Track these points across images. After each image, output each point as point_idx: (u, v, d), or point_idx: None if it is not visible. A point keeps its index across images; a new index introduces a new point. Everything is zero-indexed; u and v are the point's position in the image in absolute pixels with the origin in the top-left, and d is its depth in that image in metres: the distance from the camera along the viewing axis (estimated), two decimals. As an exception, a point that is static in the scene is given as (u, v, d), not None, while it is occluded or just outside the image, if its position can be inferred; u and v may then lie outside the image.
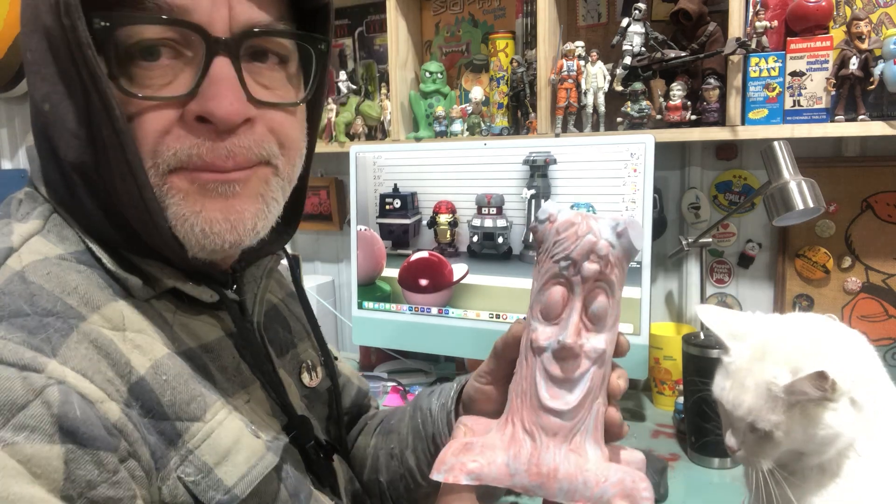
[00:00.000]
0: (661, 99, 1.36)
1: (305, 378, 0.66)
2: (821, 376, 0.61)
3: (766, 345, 0.67)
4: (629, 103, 1.38)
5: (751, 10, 1.28)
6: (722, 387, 0.70)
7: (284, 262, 0.66)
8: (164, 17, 0.44)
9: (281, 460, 0.52)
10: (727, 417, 0.70)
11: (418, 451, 0.68)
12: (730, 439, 0.69)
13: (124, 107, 0.45)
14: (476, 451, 0.51)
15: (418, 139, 1.62)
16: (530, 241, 1.38)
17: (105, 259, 0.48)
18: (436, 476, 0.50)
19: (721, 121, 1.31)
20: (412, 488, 0.69)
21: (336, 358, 0.74)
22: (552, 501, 0.50)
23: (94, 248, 0.49)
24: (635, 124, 1.37)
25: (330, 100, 1.75)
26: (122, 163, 0.45)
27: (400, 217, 1.52)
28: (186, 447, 0.46)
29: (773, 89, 1.26)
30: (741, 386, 0.67)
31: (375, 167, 1.53)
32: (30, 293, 0.43)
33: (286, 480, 0.53)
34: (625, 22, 1.36)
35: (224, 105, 0.45)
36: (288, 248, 2.19)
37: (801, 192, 1.16)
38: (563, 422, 0.50)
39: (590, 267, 0.49)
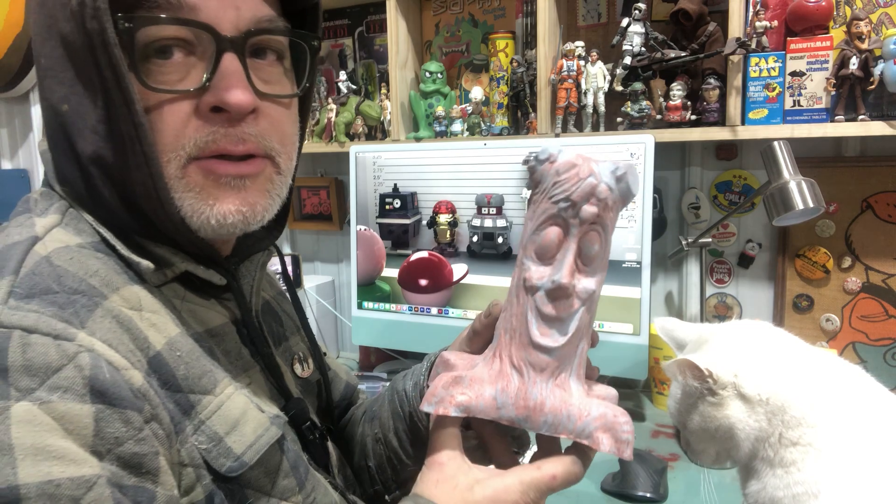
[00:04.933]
0: (661, 99, 1.36)
1: (298, 369, 0.69)
2: (692, 367, 0.66)
3: (688, 354, 0.72)
4: (629, 103, 1.38)
5: (751, 10, 1.28)
6: (670, 394, 0.75)
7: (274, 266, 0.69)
8: (179, 17, 0.49)
9: (283, 434, 0.56)
10: None
11: (399, 431, 0.71)
12: (681, 442, 0.75)
13: (142, 102, 0.49)
14: (465, 385, 0.53)
15: (418, 139, 1.62)
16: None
17: (119, 246, 0.52)
18: (426, 408, 0.53)
19: (721, 121, 1.31)
20: (398, 468, 0.72)
21: (325, 353, 0.78)
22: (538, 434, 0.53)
23: (109, 236, 0.52)
24: (635, 124, 1.38)
25: (330, 100, 1.75)
26: (139, 154, 0.49)
27: (400, 217, 1.52)
28: (199, 418, 0.50)
29: (773, 89, 1.26)
30: (672, 393, 0.73)
31: (375, 167, 1.53)
32: (57, 274, 0.47)
33: (287, 453, 0.56)
34: (625, 22, 1.36)
35: (237, 95, 0.50)
36: (288, 247, 2.19)
37: (801, 192, 1.16)
38: (551, 359, 0.51)
39: (589, 209, 0.50)
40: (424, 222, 1.50)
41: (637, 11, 1.35)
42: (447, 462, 0.53)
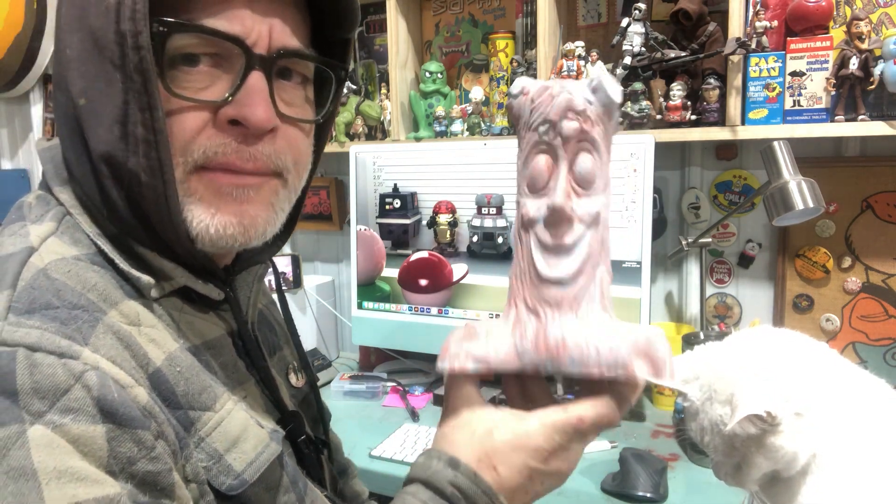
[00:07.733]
0: (661, 99, 1.36)
1: (293, 378, 0.69)
2: (755, 419, 0.62)
3: (712, 383, 0.68)
4: (629, 103, 1.38)
5: (751, 10, 1.28)
6: (691, 428, 0.71)
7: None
8: (214, 28, 0.49)
9: (282, 450, 0.55)
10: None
11: None
12: (716, 472, 0.71)
13: (164, 106, 0.48)
14: (481, 337, 0.49)
15: (418, 139, 1.62)
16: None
17: (117, 259, 0.51)
18: (441, 365, 0.49)
19: (721, 121, 1.31)
20: None
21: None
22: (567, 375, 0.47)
23: (107, 248, 0.51)
24: (635, 124, 1.37)
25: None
26: (154, 160, 0.48)
27: (400, 217, 1.52)
28: (199, 435, 0.49)
29: (773, 89, 1.26)
30: (702, 428, 0.68)
31: (375, 167, 1.53)
32: (56, 288, 0.46)
33: (287, 468, 0.56)
34: (625, 22, 1.36)
35: (258, 112, 0.50)
36: (288, 247, 2.19)
37: (801, 192, 1.16)
38: (565, 291, 0.47)
39: (569, 125, 0.47)
40: (424, 222, 1.50)
41: (637, 11, 1.35)
42: (462, 408, 0.50)
